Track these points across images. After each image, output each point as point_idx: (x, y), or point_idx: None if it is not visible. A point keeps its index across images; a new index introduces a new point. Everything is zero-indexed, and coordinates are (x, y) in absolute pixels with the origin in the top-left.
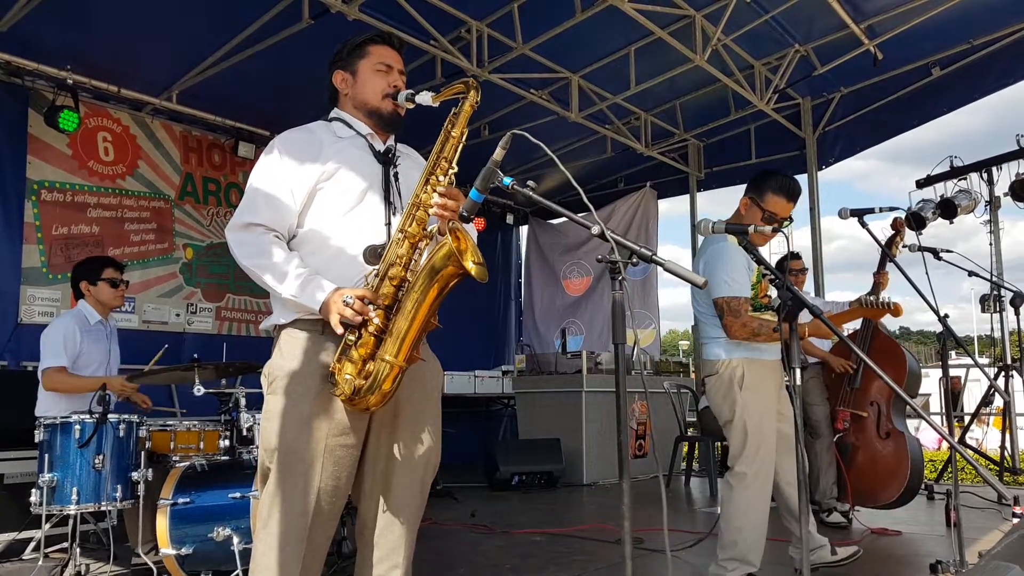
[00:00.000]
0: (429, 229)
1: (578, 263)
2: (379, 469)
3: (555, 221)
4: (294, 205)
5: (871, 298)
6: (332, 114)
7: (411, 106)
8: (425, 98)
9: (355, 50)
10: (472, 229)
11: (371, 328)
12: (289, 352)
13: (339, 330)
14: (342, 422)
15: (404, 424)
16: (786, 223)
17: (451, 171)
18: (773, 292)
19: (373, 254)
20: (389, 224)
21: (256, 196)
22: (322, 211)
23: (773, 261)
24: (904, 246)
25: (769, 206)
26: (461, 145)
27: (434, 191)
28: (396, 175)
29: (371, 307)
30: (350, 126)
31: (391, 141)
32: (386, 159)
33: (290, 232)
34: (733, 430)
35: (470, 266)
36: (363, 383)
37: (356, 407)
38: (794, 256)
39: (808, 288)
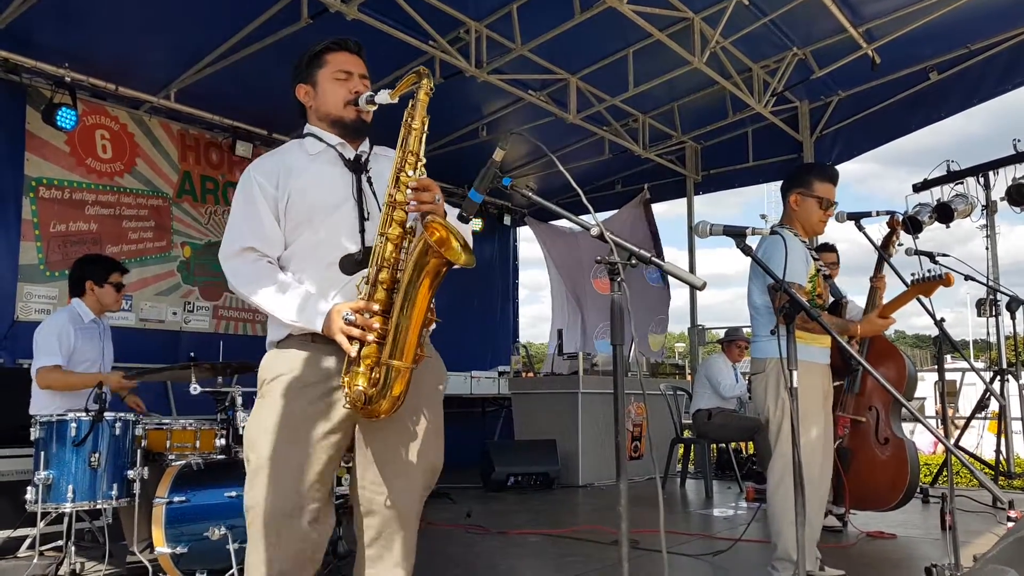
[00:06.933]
0: (409, 226)
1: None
2: (375, 472)
3: (556, 223)
4: (278, 229)
5: (923, 275)
6: (304, 129)
7: (374, 107)
8: (384, 97)
9: (313, 60)
10: (463, 227)
11: (371, 336)
12: (283, 357)
13: (351, 351)
14: (331, 420)
15: (401, 425)
16: (834, 206)
17: (420, 164)
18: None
19: (349, 263)
20: (363, 231)
21: (243, 224)
22: (301, 228)
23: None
24: (899, 244)
25: (820, 193)
26: (425, 135)
27: (406, 187)
28: (370, 180)
29: (370, 317)
30: (320, 139)
31: (364, 146)
32: (357, 166)
33: (278, 254)
34: (770, 431)
35: (451, 254)
36: (373, 391)
37: (369, 415)
38: (827, 248)
39: None
